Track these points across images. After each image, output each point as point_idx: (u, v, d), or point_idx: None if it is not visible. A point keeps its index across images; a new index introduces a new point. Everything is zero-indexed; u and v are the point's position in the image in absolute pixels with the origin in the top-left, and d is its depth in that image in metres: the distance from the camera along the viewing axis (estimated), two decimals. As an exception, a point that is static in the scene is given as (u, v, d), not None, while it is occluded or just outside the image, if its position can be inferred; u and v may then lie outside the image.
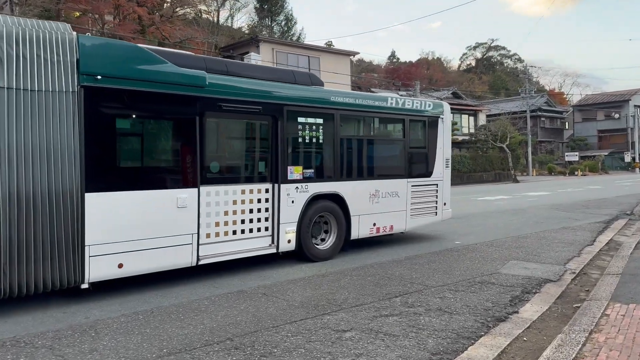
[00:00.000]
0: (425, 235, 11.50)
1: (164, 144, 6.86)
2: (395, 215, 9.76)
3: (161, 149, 6.85)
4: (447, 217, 10.94)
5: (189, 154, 6.85)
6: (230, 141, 7.81)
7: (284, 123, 7.93)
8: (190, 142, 6.85)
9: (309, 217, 8.32)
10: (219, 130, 7.57)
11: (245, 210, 7.59)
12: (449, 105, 10.99)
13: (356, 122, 9.40)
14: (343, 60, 35.83)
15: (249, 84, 7.51)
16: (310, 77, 8.65)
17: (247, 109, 7.45)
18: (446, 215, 10.86)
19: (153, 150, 6.77)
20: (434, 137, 10.50)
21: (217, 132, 7.52)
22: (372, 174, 9.40)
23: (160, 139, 6.84)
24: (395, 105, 9.71)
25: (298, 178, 8.16)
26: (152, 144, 6.78)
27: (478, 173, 41.04)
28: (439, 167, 10.58)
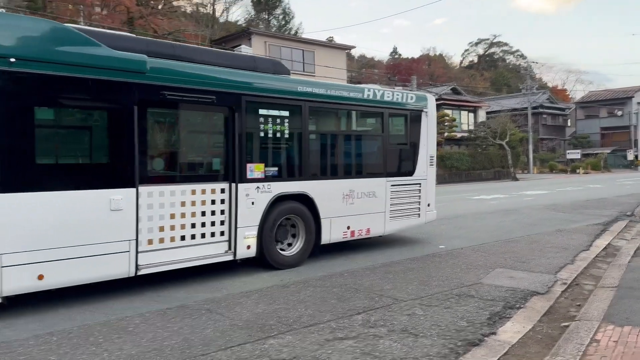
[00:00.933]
0: (408, 238, 10.67)
1: (93, 137, 6.06)
2: (373, 218, 8.94)
3: (90, 144, 6.04)
4: (431, 219, 10.12)
5: (124, 150, 6.03)
6: (178, 135, 6.99)
7: (243, 115, 7.10)
8: (126, 135, 6.03)
9: (272, 221, 7.51)
10: (164, 123, 6.77)
11: (196, 213, 6.77)
12: (434, 97, 10.15)
13: (328, 116, 8.59)
14: (339, 55, 35.01)
15: (199, 70, 6.68)
16: (274, 64, 7.80)
17: (197, 98, 6.62)
18: (430, 217, 10.03)
19: (80, 145, 5.96)
20: (416, 132, 9.67)
21: (161, 124, 6.72)
22: (345, 173, 8.58)
23: (89, 132, 6.04)
24: (373, 97, 8.87)
25: (259, 177, 7.34)
26: (79, 137, 5.97)
27: (477, 171, 40.17)
28: (422, 165, 9.75)
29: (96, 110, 5.98)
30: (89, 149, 6.03)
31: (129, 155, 6.05)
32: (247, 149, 7.20)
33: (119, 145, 6.02)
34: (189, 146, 7.06)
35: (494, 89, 72.56)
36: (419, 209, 9.76)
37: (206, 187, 6.86)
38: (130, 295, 6.34)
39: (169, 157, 6.76)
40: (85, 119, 5.98)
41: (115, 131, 6.02)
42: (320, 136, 8.30)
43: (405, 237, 10.79)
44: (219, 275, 7.34)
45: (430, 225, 11.91)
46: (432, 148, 10.00)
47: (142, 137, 6.19)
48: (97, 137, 6.07)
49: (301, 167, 7.89)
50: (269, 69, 7.69)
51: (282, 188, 7.61)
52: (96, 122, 6.04)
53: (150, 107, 6.36)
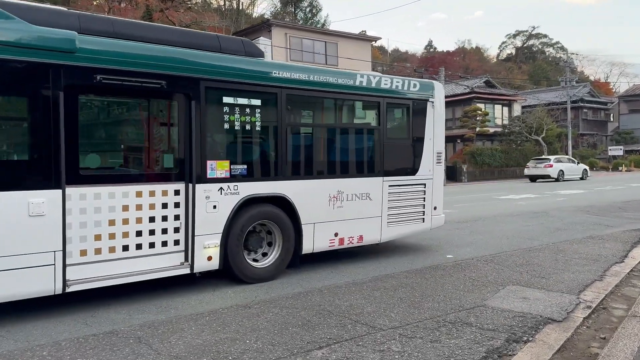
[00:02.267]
0: (412, 246, 9.47)
1: (9, 130, 5.14)
2: (367, 223, 7.79)
3: (4, 138, 5.10)
4: (438, 225, 8.89)
5: (47, 145, 5.08)
6: (119, 128, 6.01)
7: (202, 104, 6.07)
8: (49, 128, 5.07)
9: (239, 227, 6.46)
10: (101, 113, 5.79)
11: (143, 219, 5.78)
12: (442, 86, 8.88)
13: (311, 105, 7.49)
14: (364, 46, 33.74)
15: (143, 50, 5.66)
16: (245, 44, 6.72)
17: (142, 84, 5.61)
18: (437, 222, 8.81)
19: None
20: (420, 125, 8.45)
21: (97, 115, 5.73)
22: (332, 171, 7.45)
23: (3, 124, 5.09)
24: (367, 84, 7.70)
25: (222, 176, 6.29)
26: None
27: (510, 168, 38.27)
28: (427, 162, 8.53)
29: (11, 98, 5.04)
30: (1, 144, 5.09)
31: (54, 150, 5.09)
32: (207, 144, 6.16)
33: (40, 139, 5.07)
34: (133, 140, 6.07)
35: (532, 82, 69.68)
36: (423, 212, 8.55)
37: (155, 188, 5.85)
38: (63, 315, 5.42)
39: (107, 153, 5.79)
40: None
41: (36, 122, 5.06)
42: (300, 129, 7.22)
43: (409, 244, 9.59)
44: (176, 291, 6.35)
45: (442, 230, 10.68)
46: (440, 143, 8.77)
47: (71, 129, 5.22)
48: (13, 130, 5.15)
49: (277, 165, 6.81)
50: (238, 50, 6.62)
51: (252, 189, 6.55)
52: (11, 112, 5.11)
53: (83, 94, 5.40)
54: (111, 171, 5.82)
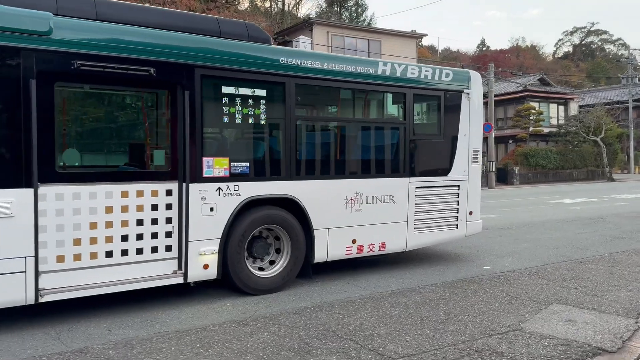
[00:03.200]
0: (446, 254, 8.54)
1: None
2: (390, 229, 6.96)
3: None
4: (474, 232, 7.93)
5: (17, 137, 4.57)
6: (102, 120, 5.45)
7: (197, 94, 5.44)
8: (20, 118, 4.56)
9: (240, 232, 5.78)
10: (82, 103, 5.24)
11: (129, 222, 5.19)
12: (479, 75, 7.92)
13: (325, 96, 6.76)
14: (408, 44, 32.59)
15: (128, 34, 5.08)
16: (248, 28, 6.02)
17: (128, 71, 5.03)
18: (473, 229, 7.85)
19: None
20: (454, 119, 7.54)
21: (77, 105, 5.20)
22: (349, 171, 6.67)
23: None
24: (391, 73, 6.88)
25: (221, 175, 5.63)
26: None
27: (567, 170, 36.11)
28: (461, 161, 7.61)
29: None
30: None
31: (24, 145, 4.58)
32: (203, 139, 5.52)
33: (8, 131, 4.56)
34: (119, 134, 5.51)
35: (590, 80, 66.12)
36: (456, 218, 7.62)
37: (144, 187, 5.25)
38: (37, 328, 4.90)
39: (88, 149, 5.23)
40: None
41: (3, 113, 4.55)
42: (313, 124, 6.48)
43: (442, 252, 8.66)
44: (170, 301, 5.75)
45: (482, 237, 9.70)
46: (477, 140, 7.82)
47: (45, 121, 4.69)
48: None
49: (284, 164, 6.09)
50: (240, 34, 5.94)
51: (256, 190, 5.86)
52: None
53: (59, 82, 4.86)
54: (93, 168, 5.28)
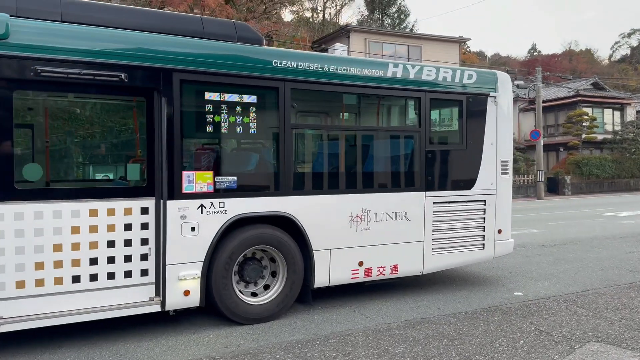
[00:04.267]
0: (472, 276, 7.69)
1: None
2: (403, 250, 6.24)
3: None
4: (504, 252, 7.07)
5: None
6: (68, 131, 5.01)
7: (175, 101, 4.94)
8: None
9: (227, 254, 5.22)
10: (44, 113, 4.79)
11: (99, 244, 4.72)
12: (508, 77, 7.09)
13: (325, 103, 6.17)
14: (451, 48, 31.60)
15: (94, 35, 4.63)
16: (237, 28, 5.48)
17: (95, 77, 4.56)
18: (503, 250, 7.00)
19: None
20: (478, 126, 6.74)
21: (41, 115, 4.75)
22: (355, 185, 6.00)
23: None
24: (403, 75, 6.18)
25: (204, 190, 5.09)
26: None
27: (623, 180, 33.94)
28: (487, 173, 6.80)
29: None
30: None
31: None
32: (183, 151, 5.00)
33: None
34: (89, 147, 5.06)
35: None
36: (482, 237, 6.80)
37: (116, 205, 4.77)
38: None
39: (53, 163, 4.80)
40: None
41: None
42: (311, 132, 5.89)
43: (469, 273, 7.81)
44: (151, 329, 5.23)
45: (516, 257, 8.79)
46: (506, 149, 6.99)
47: (1, 133, 4.28)
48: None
49: (278, 177, 5.50)
50: (228, 35, 5.40)
51: (244, 207, 5.29)
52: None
53: (18, 90, 4.43)
54: (57, 184, 4.83)
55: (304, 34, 38.53)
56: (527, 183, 29.79)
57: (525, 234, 12.06)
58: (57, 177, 4.99)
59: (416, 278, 7.13)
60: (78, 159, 5.14)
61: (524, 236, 11.69)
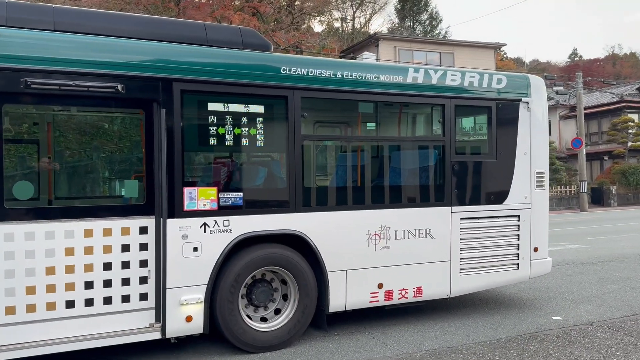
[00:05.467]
0: (506, 298, 7.20)
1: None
2: (428, 270, 5.85)
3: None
4: (541, 272, 6.61)
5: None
6: (62, 146, 4.84)
7: (177, 112, 4.73)
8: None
9: (232, 277, 4.94)
10: (38, 127, 4.65)
11: (95, 266, 4.51)
12: (542, 81, 6.66)
13: (339, 112, 5.91)
14: (486, 55, 30.95)
15: (87, 45, 4.46)
16: (243, 34, 5.23)
17: (89, 88, 4.38)
18: (540, 270, 6.54)
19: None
20: (509, 135, 6.33)
21: (32, 129, 4.60)
22: (373, 200, 5.67)
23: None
24: (424, 80, 5.84)
25: (207, 208, 4.84)
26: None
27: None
28: (521, 186, 6.36)
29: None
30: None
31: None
32: (184, 166, 4.77)
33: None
34: (84, 163, 4.87)
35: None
36: (516, 256, 6.35)
37: (113, 224, 4.56)
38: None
39: (45, 180, 4.62)
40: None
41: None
42: (324, 144, 5.59)
43: (503, 295, 7.32)
44: (152, 355, 4.95)
45: (557, 275, 8.28)
46: (542, 159, 6.55)
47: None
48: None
49: (289, 192, 5.20)
50: (232, 42, 5.16)
51: (252, 225, 5.02)
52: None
53: (7, 104, 4.29)
54: (50, 203, 4.65)
55: (333, 44, 38.57)
56: (569, 194, 28.74)
57: (566, 250, 11.42)
58: (50, 196, 4.80)
59: (443, 301, 6.68)
60: (72, 176, 4.96)
61: (565, 252, 11.07)
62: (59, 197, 4.96)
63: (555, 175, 29.15)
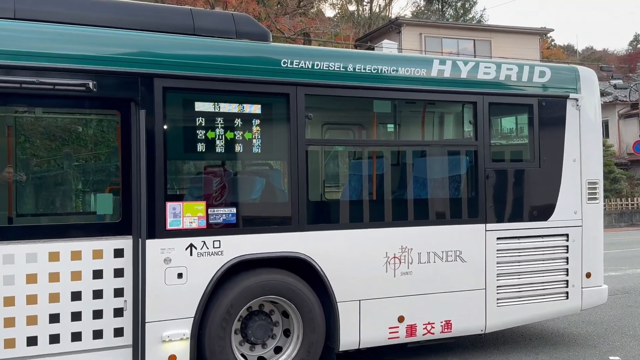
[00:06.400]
0: (555, 331, 7.17)
1: None
2: (458, 301, 5.85)
3: None
4: (595, 303, 6.59)
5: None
6: (25, 154, 4.91)
7: (158, 113, 4.81)
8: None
9: (224, 308, 4.97)
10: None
11: (61, 296, 4.55)
12: (594, 74, 6.68)
13: (351, 111, 6.00)
14: (528, 42, 31.08)
15: (56, 35, 4.57)
16: (237, 21, 5.29)
17: (55, 86, 4.46)
18: (593, 299, 6.52)
19: None
20: (555, 138, 6.35)
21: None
22: (391, 216, 5.70)
23: None
24: (452, 74, 5.88)
25: (194, 226, 4.89)
26: None
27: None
28: (570, 199, 6.37)
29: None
30: None
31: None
32: (167, 176, 4.84)
33: None
34: (49, 174, 4.92)
35: None
36: (565, 283, 6.33)
37: (82, 246, 4.61)
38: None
39: (3, 194, 4.73)
40: None
41: None
42: (332, 149, 5.67)
43: (549, 329, 7.29)
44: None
45: (613, 306, 8.27)
46: (595, 167, 6.56)
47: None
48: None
49: (291, 207, 5.25)
50: (224, 30, 5.24)
51: (247, 246, 5.05)
52: None
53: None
54: (10, 221, 4.72)
55: (347, 30, 38.84)
56: (631, 208, 28.51)
57: (626, 276, 11.34)
58: (10, 212, 4.87)
59: (477, 338, 6.64)
60: (38, 189, 5.03)
61: (625, 279, 10.99)
62: (21, 214, 5.02)
63: (614, 186, 28.98)
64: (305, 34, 31.99)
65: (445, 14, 49.24)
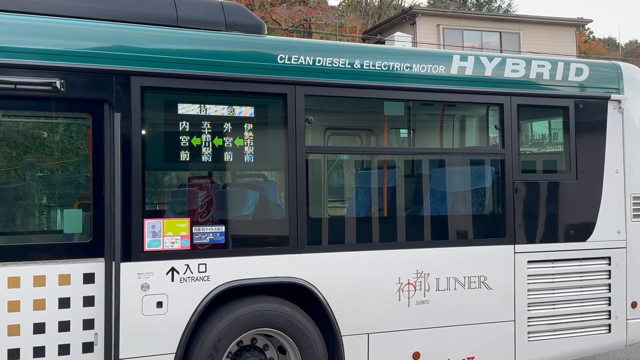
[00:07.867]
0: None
1: None
2: (482, 334, 5.96)
3: None
4: (638, 338, 6.62)
5: None
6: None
7: (136, 116, 4.93)
8: None
9: (210, 343, 5.07)
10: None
11: (22, 328, 4.62)
12: (638, 70, 6.80)
13: (358, 114, 6.22)
14: (564, 35, 31.37)
15: (19, 27, 4.70)
16: (226, 11, 5.41)
17: (18, 85, 4.61)
18: (637, 333, 6.54)
19: None
20: (594, 145, 6.50)
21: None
22: (404, 236, 5.85)
23: None
24: (474, 72, 6.03)
25: (176, 247, 5.00)
26: None
27: None
28: (612, 216, 6.48)
29: None
30: None
31: None
32: (145, 189, 4.99)
33: None
34: (10, 187, 5.02)
35: None
36: (607, 314, 6.43)
37: (46, 271, 4.70)
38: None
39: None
40: None
41: None
42: (336, 158, 5.76)
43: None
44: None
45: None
46: (639, 178, 6.64)
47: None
48: None
49: (289, 225, 5.37)
50: (212, 21, 5.36)
51: (238, 270, 5.15)
52: None
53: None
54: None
55: (353, 21, 39.26)
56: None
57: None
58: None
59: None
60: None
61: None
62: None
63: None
64: (305, 27, 32.40)
65: (466, 2, 49.71)
